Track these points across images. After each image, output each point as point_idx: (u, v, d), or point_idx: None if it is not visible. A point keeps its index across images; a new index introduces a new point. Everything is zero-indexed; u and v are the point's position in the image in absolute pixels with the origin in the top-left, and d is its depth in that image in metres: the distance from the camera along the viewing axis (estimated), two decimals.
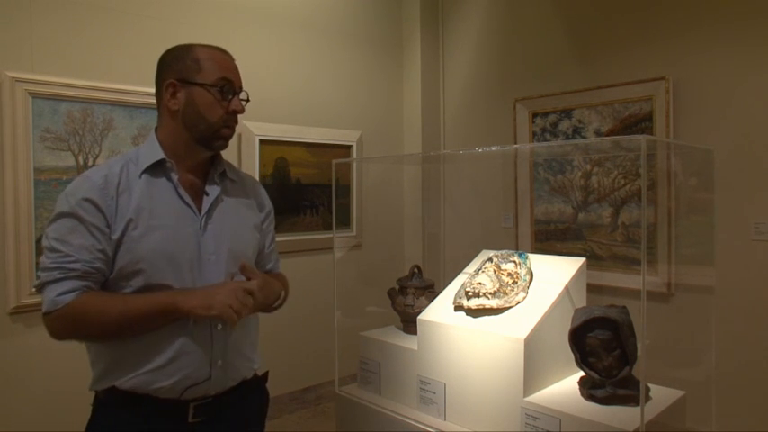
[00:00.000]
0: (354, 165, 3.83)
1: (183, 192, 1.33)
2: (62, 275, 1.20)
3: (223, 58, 1.37)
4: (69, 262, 1.21)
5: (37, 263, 2.51)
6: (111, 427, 1.28)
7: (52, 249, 1.22)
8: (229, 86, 1.34)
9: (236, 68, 1.38)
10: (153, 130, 1.39)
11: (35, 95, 2.51)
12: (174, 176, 1.33)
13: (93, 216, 1.23)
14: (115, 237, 1.24)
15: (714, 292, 2.17)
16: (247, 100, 1.41)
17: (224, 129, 1.35)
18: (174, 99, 1.33)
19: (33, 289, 1.28)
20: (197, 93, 1.31)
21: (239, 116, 1.39)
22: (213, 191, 1.38)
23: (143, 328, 1.24)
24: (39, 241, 2.52)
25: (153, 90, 1.37)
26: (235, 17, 3.22)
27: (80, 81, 2.62)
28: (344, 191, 3.78)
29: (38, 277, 1.24)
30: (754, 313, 2.65)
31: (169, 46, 1.41)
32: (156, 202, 1.29)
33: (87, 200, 1.23)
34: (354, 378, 2.13)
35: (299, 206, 3.55)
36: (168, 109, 1.34)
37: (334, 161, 2.49)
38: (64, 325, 1.22)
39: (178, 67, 1.33)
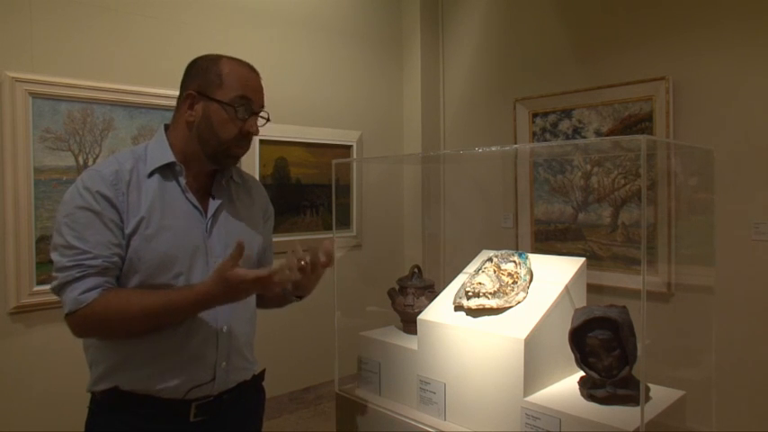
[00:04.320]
0: (354, 165, 3.82)
1: (190, 195, 1.33)
2: (82, 273, 1.19)
3: (247, 75, 1.34)
4: (88, 259, 1.19)
5: (37, 263, 2.52)
6: (112, 428, 1.28)
7: (69, 246, 1.20)
8: (248, 106, 1.32)
9: (259, 87, 1.36)
10: (162, 128, 1.38)
11: (35, 95, 2.51)
12: (182, 180, 1.33)
13: (108, 210, 1.22)
14: (127, 232, 1.24)
15: (714, 292, 2.17)
16: (267, 119, 1.39)
17: (235, 148, 1.34)
18: (191, 110, 1.32)
19: (51, 291, 1.25)
20: (213, 108, 1.30)
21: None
22: (220, 194, 1.39)
23: (167, 324, 1.24)
24: (39, 241, 2.52)
25: (153, 90, 1.38)
26: (235, 17, 3.22)
27: (80, 81, 2.62)
28: (344, 191, 3.78)
29: (54, 278, 1.22)
30: (754, 313, 2.65)
31: (169, 46, 1.41)
32: (167, 203, 1.29)
33: (101, 194, 1.22)
34: (354, 378, 2.13)
35: (299, 206, 3.55)
36: (185, 119, 1.33)
37: (334, 161, 2.50)
38: (88, 323, 1.21)
39: (200, 79, 1.32)
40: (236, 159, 1.38)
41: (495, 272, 1.81)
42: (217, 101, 1.30)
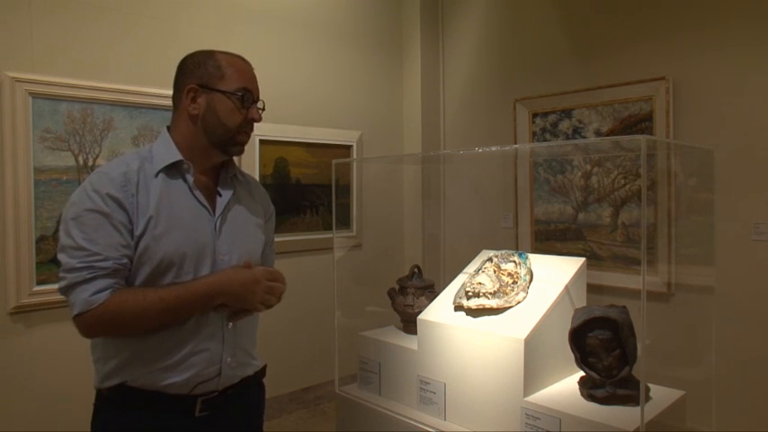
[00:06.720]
0: (354, 165, 3.83)
1: (198, 193, 1.35)
2: (92, 275, 1.19)
3: (245, 67, 1.40)
4: (99, 260, 1.20)
5: (37, 263, 2.52)
6: (118, 424, 1.29)
7: (78, 248, 1.20)
8: (249, 95, 1.37)
9: (255, 78, 1.42)
10: (165, 129, 1.41)
11: (35, 95, 2.51)
12: (190, 178, 1.35)
13: (117, 212, 1.23)
14: (137, 233, 1.25)
15: (714, 292, 2.17)
16: (263, 108, 1.43)
17: (240, 135, 1.39)
18: (194, 104, 1.35)
19: (59, 292, 1.24)
20: (218, 99, 1.34)
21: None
22: (226, 193, 1.41)
23: (183, 318, 1.27)
24: (39, 241, 2.52)
25: (153, 90, 1.38)
26: (235, 17, 3.22)
27: (80, 81, 2.62)
28: (344, 191, 3.78)
29: (62, 279, 1.21)
30: (754, 313, 2.65)
31: (169, 46, 1.42)
32: (174, 202, 1.31)
33: (110, 196, 1.23)
34: (354, 378, 2.13)
35: (299, 206, 3.55)
36: (188, 113, 1.36)
37: (334, 161, 2.50)
38: (100, 323, 1.21)
39: (200, 73, 1.35)
40: (242, 147, 1.42)
41: (495, 272, 1.81)
42: (221, 91, 1.34)
